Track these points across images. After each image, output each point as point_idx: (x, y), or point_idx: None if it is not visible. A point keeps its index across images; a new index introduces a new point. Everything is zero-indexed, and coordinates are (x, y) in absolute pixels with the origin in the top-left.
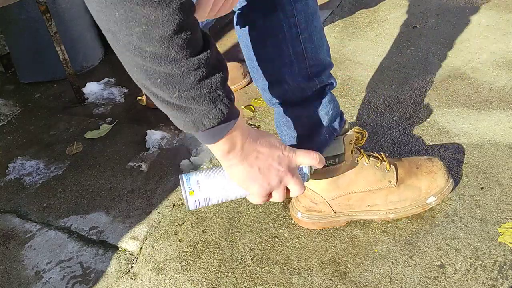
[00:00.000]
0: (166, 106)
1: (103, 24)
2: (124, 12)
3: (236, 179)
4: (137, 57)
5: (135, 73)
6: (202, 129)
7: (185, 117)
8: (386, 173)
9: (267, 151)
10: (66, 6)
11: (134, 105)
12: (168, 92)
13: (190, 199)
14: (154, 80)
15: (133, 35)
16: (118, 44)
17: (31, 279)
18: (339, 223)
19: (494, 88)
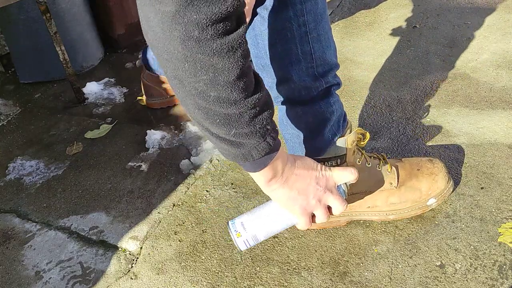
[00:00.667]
0: (220, 141)
1: (170, 72)
2: (194, 62)
3: (278, 202)
4: (200, 100)
5: (195, 114)
6: (251, 161)
7: (236, 150)
8: (387, 175)
9: (305, 173)
10: (66, 6)
11: (134, 105)
12: (225, 130)
13: (239, 240)
14: (213, 120)
15: (200, 82)
16: (183, 89)
17: (31, 279)
18: (339, 223)
19: (494, 88)
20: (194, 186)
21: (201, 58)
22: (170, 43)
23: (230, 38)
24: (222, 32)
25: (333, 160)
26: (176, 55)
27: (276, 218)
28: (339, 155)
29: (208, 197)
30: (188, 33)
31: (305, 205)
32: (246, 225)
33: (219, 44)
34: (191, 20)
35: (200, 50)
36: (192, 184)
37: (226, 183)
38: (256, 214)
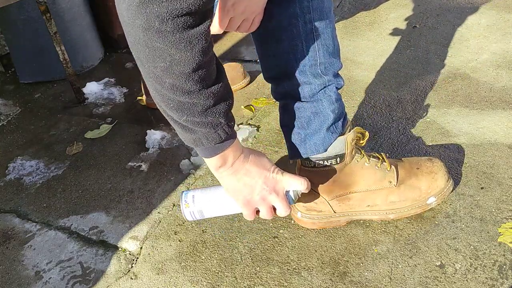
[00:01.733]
0: (173, 123)
1: (134, 53)
2: (153, 50)
3: (225, 188)
4: (157, 84)
5: (153, 94)
6: (201, 147)
7: (187, 135)
8: (387, 173)
9: (255, 169)
10: (66, 6)
11: (134, 105)
12: (177, 115)
13: (186, 210)
14: (167, 104)
15: (157, 68)
16: (143, 70)
17: (31, 279)
18: (339, 223)
19: (494, 88)
20: (194, 186)
21: (159, 47)
22: (133, 29)
23: (190, 33)
24: (182, 26)
25: (332, 159)
26: (138, 40)
27: (224, 202)
28: (338, 153)
29: None
30: (149, 23)
31: (249, 199)
32: (196, 199)
33: (177, 38)
34: (152, 11)
35: (159, 40)
36: (192, 184)
37: None
38: (208, 192)
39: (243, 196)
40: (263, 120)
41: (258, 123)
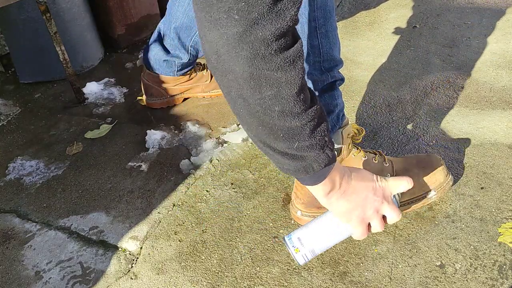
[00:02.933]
0: (282, 156)
1: (235, 92)
2: (259, 79)
3: (336, 213)
4: (265, 116)
5: (258, 131)
6: (311, 173)
7: (296, 164)
8: (384, 167)
9: (362, 184)
10: (66, 6)
11: (134, 105)
12: (288, 144)
13: (297, 255)
14: (277, 136)
15: (265, 98)
16: (248, 108)
17: (31, 279)
18: None
19: (494, 88)
20: (194, 186)
21: (266, 74)
22: (236, 63)
23: (291, 51)
24: (284, 46)
25: None
26: (241, 74)
27: (333, 231)
28: (336, 148)
29: (208, 197)
30: (255, 51)
31: (363, 216)
32: (304, 240)
33: (282, 58)
34: (257, 38)
35: (266, 66)
36: (192, 184)
37: (226, 183)
38: (312, 228)
39: (356, 216)
40: None
41: None
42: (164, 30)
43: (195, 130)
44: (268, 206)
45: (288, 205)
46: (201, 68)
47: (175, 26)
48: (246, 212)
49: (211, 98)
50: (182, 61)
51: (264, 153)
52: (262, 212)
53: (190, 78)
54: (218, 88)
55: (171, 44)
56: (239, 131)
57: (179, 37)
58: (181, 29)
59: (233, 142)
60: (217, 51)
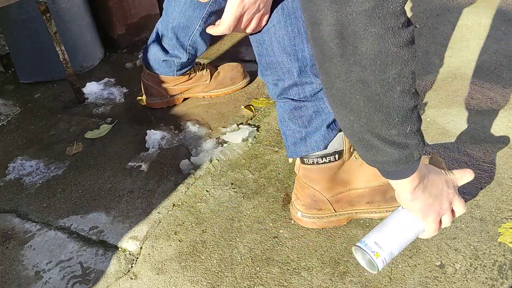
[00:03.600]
0: (388, 146)
1: (355, 76)
2: (386, 57)
3: (415, 210)
4: (386, 98)
5: (370, 119)
6: (410, 163)
7: (400, 153)
8: None
9: (437, 177)
10: (66, 6)
11: (134, 105)
12: (401, 128)
13: (378, 260)
14: (392, 120)
15: (389, 78)
16: (366, 92)
17: (31, 279)
18: (340, 222)
19: (494, 88)
20: (194, 186)
21: (393, 51)
22: (363, 42)
23: (411, 26)
24: (406, 19)
25: (331, 156)
26: (367, 55)
27: (407, 230)
28: (337, 150)
29: (208, 197)
30: (386, 25)
31: (439, 210)
32: (381, 243)
33: (407, 33)
34: (388, 11)
35: (395, 42)
36: (192, 184)
37: (226, 183)
38: (387, 230)
39: (434, 210)
40: (263, 120)
41: (258, 123)
42: (162, 30)
43: (195, 130)
44: (268, 206)
45: (288, 205)
46: (200, 68)
47: (172, 26)
48: (246, 212)
49: (211, 98)
50: (181, 60)
51: (363, 147)
52: (262, 212)
53: (189, 78)
54: (218, 88)
55: (170, 44)
56: (239, 131)
57: (177, 37)
58: (179, 29)
59: (233, 142)
60: (341, 33)
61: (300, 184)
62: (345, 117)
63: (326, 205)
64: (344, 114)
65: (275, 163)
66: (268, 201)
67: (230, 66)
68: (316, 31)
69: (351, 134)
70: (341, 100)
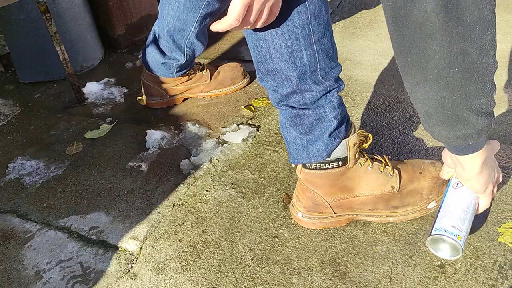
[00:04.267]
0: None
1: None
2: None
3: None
4: (482, 65)
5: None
6: (489, 131)
7: (485, 121)
8: (389, 178)
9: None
10: (66, 6)
11: (134, 105)
12: (491, 95)
13: (461, 242)
14: (485, 87)
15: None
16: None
17: (31, 279)
18: (340, 223)
19: None
20: (194, 186)
21: (488, 16)
22: (465, 11)
23: None
24: None
25: (334, 162)
26: (469, 23)
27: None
28: (341, 157)
29: (208, 197)
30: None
31: (494, 181)
32: (458, 225)
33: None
34: None
35: (489, 6)
36: (192, 184)
37: (226, 183)
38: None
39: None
40: (263, 120)
41: (258, 123)
42: (158, 32)
43: (195, 130)
44: (268, 206)
45: (288, 205)
46: (200, 68)
47: (167, 29)
48: (246, 212)
49: (211, 98)
50: (179, 62)
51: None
52: (262, 212)
53: (189, 78)
54: (218, 88)
55: (167, 46)
56: (239, 131)
57: (173, 40)
58: (174, 31)
59: (233, 142)
60: (446, 6)
61: (301, 186)
62: (437, 94)
63: (327, 209)
64: (436, 92)
65: (275, 163)
66: (268, 201)
67: (230, 66)
68: (415, 10)
69: (439, 112)
70: (435, 78)
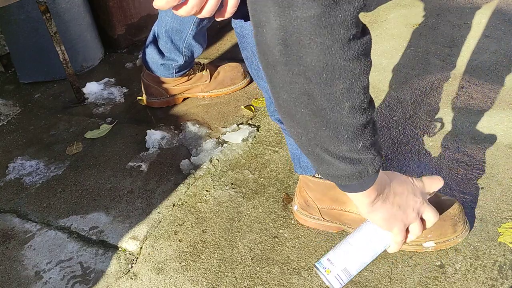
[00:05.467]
0: (338, 161)
1: (298, 89)
2: (332, 71)
3: (378, 222)
4: (333, 113)
5: (319, 134)
6: (365, 178)
7: (352, 168)
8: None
9: (400, 186)
10: (66, 6)
11: (134, 105)
12: (352, 145)
13: (329, 276)
14: (342, 136)
15: (336, 92)
16: (311, 106)
17: (31, 279)
18: (331, 228)
19: (494, 88)
20: (194, 186)
21: (341, 64)
22: (308, 53)
23: (366, 38)
24: (358, 31)
25: None
26: (313, 66)
27: (366, 245)
28: None
29: (208, 197)
30: (334, 36)
31: (405, 220)
32: (333, 259)
33: (360, 45)
34: (337, 20)
35: (343, 55)
36: (192, 184)
37: (226, 183)
38: (342, 247)
39: (400, 221)
40: (263, 120)
41: (258, 123)
42: (157, 33)
43: (195, 130)
44: (268, 206)
45: (288, 205)
46: (200, 68)
47: (165, 30)
48: (246, 212)
49: (211, 98)
50: (178, 63)
51: (314, 160)
52: (262, 212)
53: (189, 79)
54: (218, 88)
55: (166, 47)
56: (239, 131)
57: (171, 41)
58: (172, 32)
59: (233, 142)
60: (285, 40)
61: (299, 184)
62: (293, 128)
63: (316, 213)
64: (292, 126)
65: (275, 163)
66: (268, 201)
67: (230, 66)
68: (260, 34)
69: (301, 146)
70: (287, 112)
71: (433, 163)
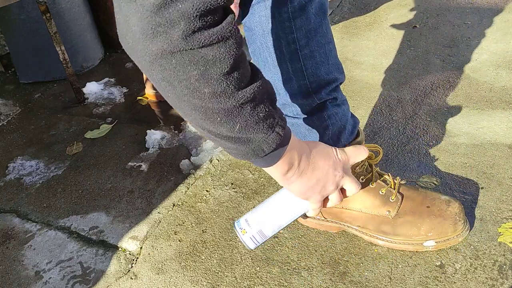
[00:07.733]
0: (225, 141)
1: (156, 75)
2: (181, 57)
3: (296, 192)
4: (195, 99)
5: (193, 116)
6: (262, 155)
7: (244, 147)
8: (388, 202)
9: (322, 160)
10: (66, 6)
11: (134, 105)
12: (229, 127)
13: (245, 237)
14: (214, 119)
15: (191, 78)
16: (174, 91)
17: (31, 279)
18: (331, 228)
19: (494, 88)
20: (194, 186)
21: (189, 52)
22: (153, 41)
23: (219, 28)
24: (210, 23)
25: None
26: (160, 54)
27: (282, 210)
28: None
29: (208, 197)
30: (172, 27)
31: (323, 192)
32: (250, 221)
33: (207, 35)
34: (176, 10)
35: (187, 44)
36: (192, 184)
37: (226, 183)
38: (260, 209)
39: (317, 193)
40: None
41: None
42: None
43: (195, 130)
44: None
45: None
46: None
47: None
48: (246, 212)
49: None
50: None
51: (209, 139)
52: None
53: None
54: None
55: None
56: None
57: None
58: None
59: None
60: (132, 28)
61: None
62: (177, 110)
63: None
64: (174, 107)
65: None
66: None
67: None
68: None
69: (193, 126)
70: (162, 94)
71: (433, 163)
